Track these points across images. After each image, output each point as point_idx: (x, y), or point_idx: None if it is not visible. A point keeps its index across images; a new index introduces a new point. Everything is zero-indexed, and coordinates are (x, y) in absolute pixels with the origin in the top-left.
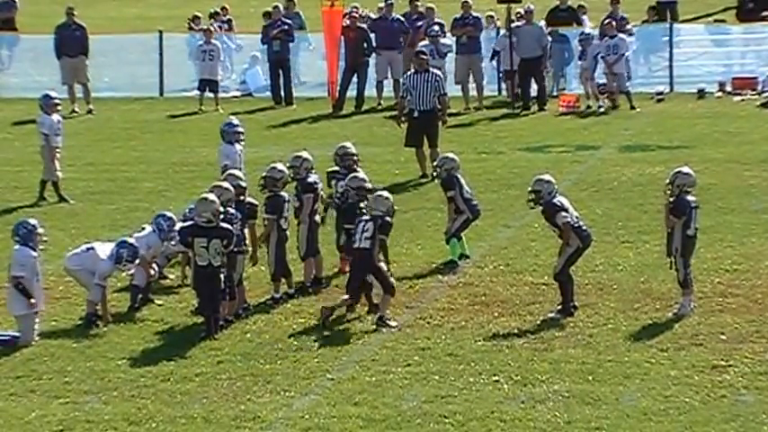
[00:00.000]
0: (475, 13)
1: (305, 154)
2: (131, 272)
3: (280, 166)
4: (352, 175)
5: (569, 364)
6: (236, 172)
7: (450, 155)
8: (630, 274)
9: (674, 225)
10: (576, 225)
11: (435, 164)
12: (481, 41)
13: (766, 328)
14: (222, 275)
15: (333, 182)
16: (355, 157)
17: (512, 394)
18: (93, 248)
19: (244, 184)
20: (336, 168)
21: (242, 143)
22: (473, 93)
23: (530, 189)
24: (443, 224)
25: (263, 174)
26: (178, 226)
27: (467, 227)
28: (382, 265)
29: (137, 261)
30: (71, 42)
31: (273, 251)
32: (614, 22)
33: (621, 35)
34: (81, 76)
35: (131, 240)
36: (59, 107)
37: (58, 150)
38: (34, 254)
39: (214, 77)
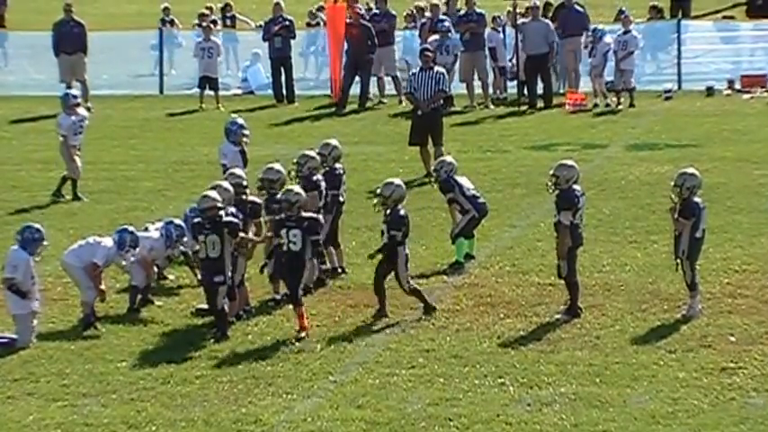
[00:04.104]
0: (479, 10)
1: (310, 153)
2: (133, 259)
3: (276, 166)
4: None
5: (576, 367)
6: (237, 171)
7: (448, 158)
8: (638, 274)
9: (684, 227)
10: (576, 225)
11: (433, 168)
12: (485, 38)
13: None
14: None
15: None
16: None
17: (518, 397)
18: (89, 241)
19: (245, 182)
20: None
21: (245, 143)
22: (478, 90)
23: (552, 173)
24: (448, 224)
25: (259, 176)
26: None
27: (475, 226)
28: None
29: (137, 249)
30: (69, 39)
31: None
32: (626, 18)
33: (634, 32)
34: (79, 73)
35: (131, 229)
36: (80, 105)
37: (77, 148)
38: (28, 257)
39: (214, 75)
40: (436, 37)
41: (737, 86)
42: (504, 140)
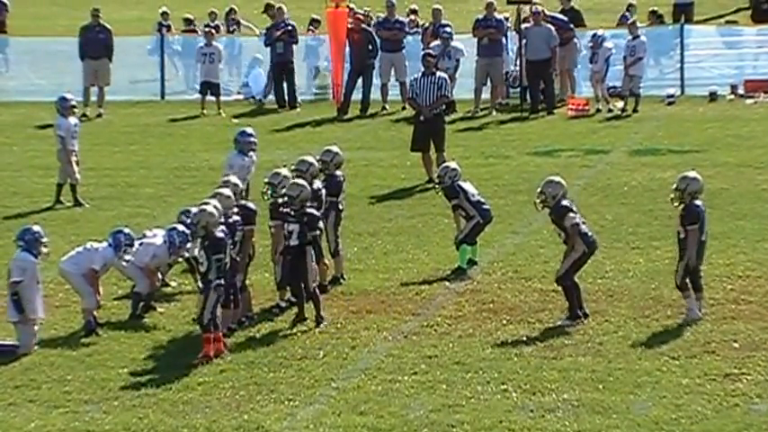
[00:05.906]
0: (498, 16)
1: (310, 158)
2: (129, 258)
3: (283, 171)
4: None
5: (579, 373)
6: (233, 178)
7: (452, 164)
8: (641, 280)
9: (691, 233)
10: (582, 231)
11: (437, 174)
12: (502, 45)
13: None
14: None
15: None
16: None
17: (520, 403)
18: (87, 247)
19: (240, 189)
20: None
21: (254, 153)
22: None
23: (539, 190)
24: (450, 230)
25: (265, 180)
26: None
27: (479, 232)
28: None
29: (133, 247)
30: (94, 44)
31: (279, 258)
32: (633, 23)
33: (643, 37)
34: (101, 78)
35: (126, 230)
36: (76, 110)
37: (74, 153)
38: (35, 260)
39: (215, 80)
40: (438, 42)
41: (741, 91)
42: (507, 146)
